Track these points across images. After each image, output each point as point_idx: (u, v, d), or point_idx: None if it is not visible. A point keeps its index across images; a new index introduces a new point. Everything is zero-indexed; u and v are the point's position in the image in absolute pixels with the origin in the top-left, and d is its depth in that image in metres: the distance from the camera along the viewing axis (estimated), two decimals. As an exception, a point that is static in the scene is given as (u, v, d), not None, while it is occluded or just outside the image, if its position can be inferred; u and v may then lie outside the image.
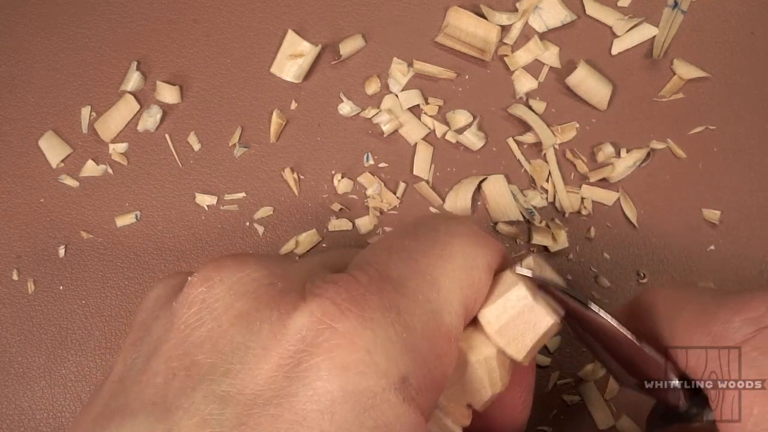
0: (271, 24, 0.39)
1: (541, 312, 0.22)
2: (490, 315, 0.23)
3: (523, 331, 0.23)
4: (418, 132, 0.38)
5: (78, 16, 0.40)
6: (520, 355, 0.23)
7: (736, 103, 0.38)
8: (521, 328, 0.23)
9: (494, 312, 0.23)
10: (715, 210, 0.37)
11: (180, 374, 0.19)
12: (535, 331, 0.23)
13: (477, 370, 0.23)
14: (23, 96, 0.39)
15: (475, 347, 0.23)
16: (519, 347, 0.23)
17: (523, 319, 0.22)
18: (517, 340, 0.23)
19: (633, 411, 0.35)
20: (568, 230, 0.37)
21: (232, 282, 0.21)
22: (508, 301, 0.22)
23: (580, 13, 0.39)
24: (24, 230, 0.38)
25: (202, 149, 0.38)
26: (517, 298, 0.22)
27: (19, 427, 0.36)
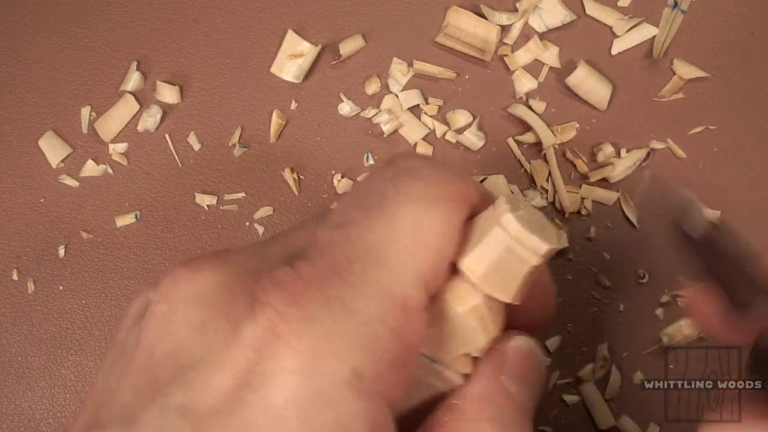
0: (271, 24, 0.39)
1: (522, 251, 0.22)
2: (472, 262, 0.22)
3: (508, 272, 0.22)
4: (418, 132, 0.38)
5: (78, 16, 0.40)
6: (508, 298, 0.22)
7: (736, 103, 0.38)
8: (505, 270, 0.22)
9: (475, 259, 0.22)
10: (715, 210, 0.37)
11: (143, 390, 0.20)
12: (519, 273, 0.22)
13: (467, 320, 0.22)
14: (23, 96, 0.39)
15: (461, 297, 0.22)
16: (506, 290, 0.23)
17: (505, 261, 0.22)
18: (503, 282, 0.22)
19: (633, 411, 0.35)
20: (568, 230, 0.37)
21: (189, 295, 0.21)
22: (488, 245, 0.22)
23: (580, 13, 0.39)
24: (24, 230, 0.38)
25: (202, 149, 0.38)
26: (496, 241, 0.22)
27: (19, 427, 0.36)
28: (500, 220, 0.22)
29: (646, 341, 0.35)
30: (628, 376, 0.35)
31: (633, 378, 0.35)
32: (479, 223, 0.22)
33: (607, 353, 0.35)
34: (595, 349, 0.36)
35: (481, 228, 0.22)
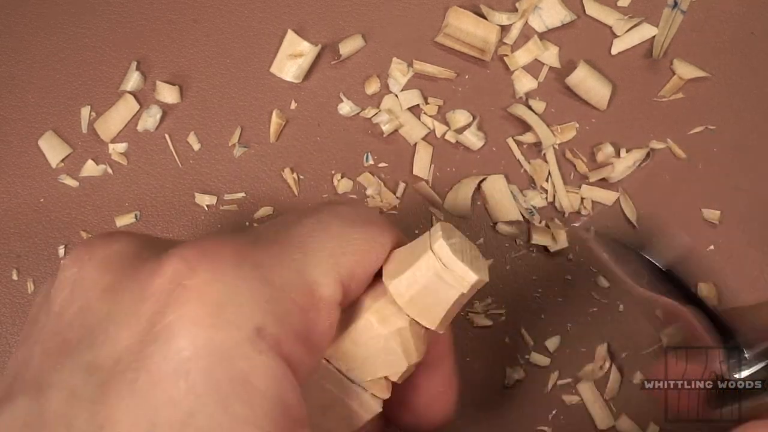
0: (271, 24, 0.39)
1: (452, 279, 0.22)
2: (401, 286, 0.22)
3: (435, 300, 0.22)
4: (418, 132, 0.38)
5: (78, 16, 0.40)
6: (433, 325, 0.23)
7: (736, 103, 0.38)
8: (433, 297, 0.22)
9: (404, 282, 0.22)
10: (715, 210, 0.37)
11: (53, 353, 0.20)
12: (446, 301, 0.22)
13: (390, 342, 0.22)
14: (23, 96, 0.39)
15: (386, 318, 0.22)
16: (432, 317, 0.23)
17: (434, 288, 0.22)
18: (429, 309, 0.23)
19: (633, 411, 0.35)
20: (568, 230, 0.37)
21: (100, 258, 0.21)
22: (418, 270, 0.22)
23: (580, 13, 0.39)
24: (24, 230, 0.38)
25: (202, 149, 0.38)
26: (427, 267, 0.22)
27: (19, 427, 0.36)
28: (433, 246, 0.22)
29: (646, 341, 0.35)
30: (628, 376, 0.35)
31: (633, 378, 0.35)
32: (411, 248, 0.23)
33: (607, 353, 0.35)
34: (594, 349, 0.36)
35: (412, 253, 0.22)
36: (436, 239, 0.22)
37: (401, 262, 0.23)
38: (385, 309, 0.23)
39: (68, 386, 0.19)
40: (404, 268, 0.22)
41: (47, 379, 0.19)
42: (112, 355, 0.19)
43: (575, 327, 0.36)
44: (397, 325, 0.22)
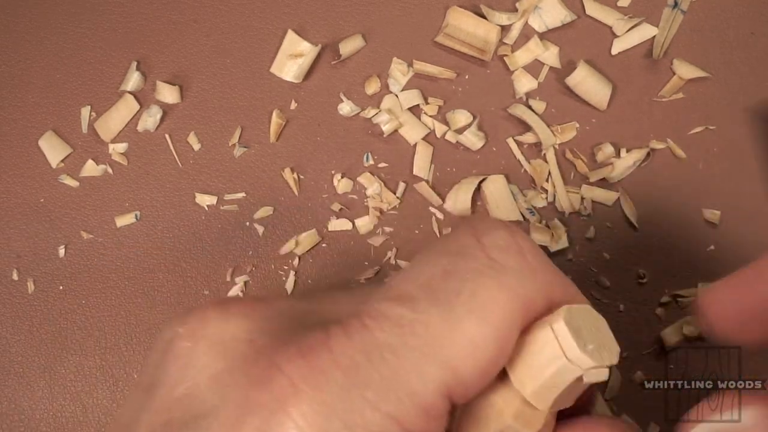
0: (271, 24, 0.39)
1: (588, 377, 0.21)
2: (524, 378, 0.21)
3: (572, 391, 0.22)
4: (418, 132, 0.38)
5: (78, 16, 0.40)
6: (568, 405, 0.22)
7: (736, 103, 0.38)
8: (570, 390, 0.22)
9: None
10: (715, 210, 0.37)
11: (157, 430, 0.20)
12: (582, 388, 0.22)
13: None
14: (23, 96, 0.39)
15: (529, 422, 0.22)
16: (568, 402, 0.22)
17: (572, 387, 0.21)
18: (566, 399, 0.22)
19: (633, 411, 0.35)
20: (568, 230, 0.37)
21: (215, 340, 0.21)
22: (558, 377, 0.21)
23: (580, 13, 0.39)
24: (24, 230, 0.38)
25: (202, 149, 0.38)
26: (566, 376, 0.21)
27: (19, 427, 0.36)
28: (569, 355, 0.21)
29: (646, 341, 0.35)
30: (628, 376, 0.35)
31: (633, 378, 0.35)
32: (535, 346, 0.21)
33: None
34: (595, 349, 0.36)
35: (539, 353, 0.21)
36: (569, 347, 0.20)
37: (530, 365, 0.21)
38: (525, 413, 0.22)
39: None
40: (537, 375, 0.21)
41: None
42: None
43: (575, 327, 0.36)
44: (540, 425, 0.22)
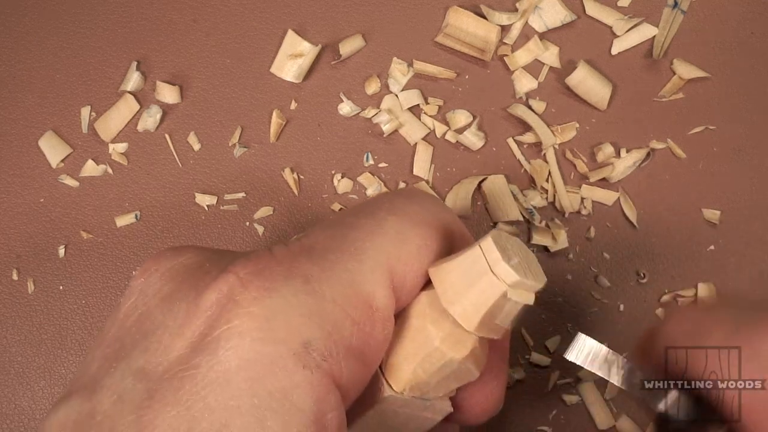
0: (271, 24, 0.39)
1: (516, 297, 0.21)
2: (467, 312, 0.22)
3: (501, 315, 0.22)
4: (418, 132, 0.38)
5: (78, 16, 0.40)
6: (500, 335, 0.23)
7: (736, 103, 0.38)
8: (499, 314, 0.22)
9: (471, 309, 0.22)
10: (715, 210, 0.37)
11: (110, 357, 0.20)
12: (512, 314, 0.22)
13: (464, 363, 0.22)
14: (23, 96, 0.39)
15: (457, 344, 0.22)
16: (498, 330, 0.22)
17: (499, 306, 0.22)
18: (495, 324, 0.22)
19: (633, 411, 0.35)
20: (568, 230, 0.37)
21: (166, 269, 0.22)
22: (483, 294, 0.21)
23: (580, 13, 0.39)
24: (24, 230, 0.38)
25: (202, 149, 0.38)
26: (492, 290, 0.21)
27: (19, 427, 0.36)
28: (495, 269, 0.21)
29: (646, 341, 0.35)
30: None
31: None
32: (464, 265, 0.22)
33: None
34: (595, 349, 0.36)
35: (467, 272, 0.22)
36: (495, 261, 0.21)
37: (457, 283, 0.22)
38: (452, 335, 0.22)
39: (118, 390, 0.19)
40: (464, 291, 0.22)
41: (100, 381, 0.20)
42: (162, 363, 0.19)
43: (575, 327, 0.36)
44: (469, 348, 0.22)
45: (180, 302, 0.20)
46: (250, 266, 0.20)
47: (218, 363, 0.19)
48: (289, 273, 0.20)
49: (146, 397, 0.19)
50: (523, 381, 0.35)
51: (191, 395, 0.18)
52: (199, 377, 0.19)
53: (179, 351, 0.19)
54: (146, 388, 0.19)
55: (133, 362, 0.20)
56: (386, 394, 0.23)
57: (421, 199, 0.24)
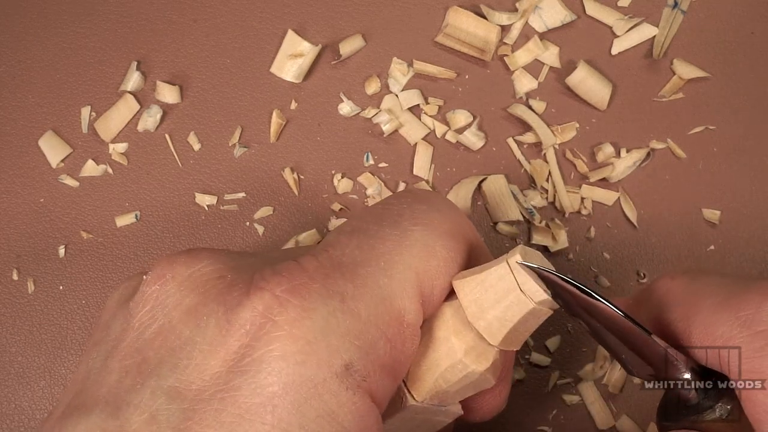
0: (271, 24, 0.39)
1: (542, 310, 0.22)
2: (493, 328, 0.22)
3: (523, 330, 0.23)
4: (418, 132, 0.38)
5: (78, 16, 0.40)
6: (518, 347, 0.23)
7: (736, 103, 0.38)
8: (521, 329, 0.22)
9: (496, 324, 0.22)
10: (715, 210, 0.37)
11: (132, 371, 0.20)
12: (532, 328, 0.23)
13: (484, 374, 0.23)
14: (23, 96, 0.39)
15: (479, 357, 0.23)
16: (517, 343, 0.23)
17: (523, 322, 0.22)
18: (517, 338, 0.23)
19: (633, 411, 0.35)
20: (568, 230, 0.37)
21: (183, 278, 0.21)
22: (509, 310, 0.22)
23: (580, 13, 0.39)
24: (24, 230, 0.38)
25: (202, 149, 0.38)
26: (519, 307, 0.22)
27: (19, 427, 0.36)
28: (524, 287, 0.22)
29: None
30: (629, 377, 0.35)
31: (633, 378, 0.35)
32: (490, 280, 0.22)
33: (608, 353, 0.35)
34: (594, 349, 0.36)
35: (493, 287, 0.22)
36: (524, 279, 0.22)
37: (483, 298, 0.22)
38: (476, 348, 0.23)
39: (149, 408, 0.19)
40: (490, 306, 0.22)
41: (125, 397, 0.19)
42: (197, 383, 0.19)
43: (575, 327, 0.36)
44: (490, 361, 0.23)
45: (208, 317, 0.20)
46: (284, 283, 0.20)
47: (262, 386, 0.18)
48: (325, 291, 0.20)
49: (183, 418, 0.18)
50: (523, 381, 0.35)
51: (235, 418, 0.18)
52: (242, 400, 0.18)
53: (214, 370, 0.19)
54: (181, 408, 0.18)
55: (162, 380, 0.19)
56: (409, 403, 0.23)
57: (441, 205, 0.24)
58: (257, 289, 0.20)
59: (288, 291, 0.20)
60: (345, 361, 0.19)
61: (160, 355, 0.20)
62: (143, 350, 0.20)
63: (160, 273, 0.22)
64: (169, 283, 0.21)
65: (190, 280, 0.21)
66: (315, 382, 0.19)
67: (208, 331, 0.20)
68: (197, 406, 0.18)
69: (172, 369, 0.19)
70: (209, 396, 0.19)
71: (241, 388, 0.19)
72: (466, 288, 0.22)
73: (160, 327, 0.20)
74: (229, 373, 0.19)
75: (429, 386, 0.23)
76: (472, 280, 0.22)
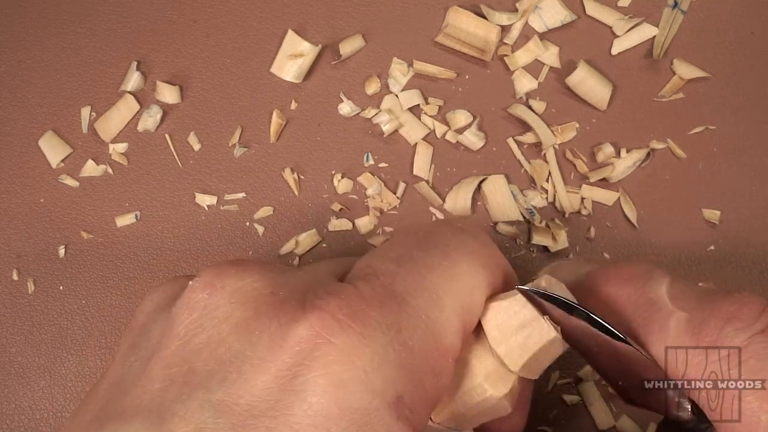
0: (271, 24, 0.39)
1: (561, 343, 0.22)
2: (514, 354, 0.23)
3: (543, 358, 0.23)
4: (418, 132, 0.38)
5: (78, 16, 0.40)
6: (536, 376, 0.23)
7: (736, 103, 0.38)
8: (542, 357, 0.23)
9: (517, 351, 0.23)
10: (715, 210, 0.37)
11: (177, 381, 0.19)
12: (553, 356, 0.23)
13: (501, 401, 0.23)
14: (23, 96, 0.39)
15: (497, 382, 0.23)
16: (537, 371, 0.23)
17: (544, 350, 0.22)
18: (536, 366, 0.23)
19: (633, 411, 0.35)
20: (568, 230, 0.37)
21: (234, 290, 0.21)
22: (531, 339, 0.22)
23: (580, 13, 0.39)
24: (24, 230, 0.38)
25: (202, 149, 0.38)
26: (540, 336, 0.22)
27: (19, 427, 0.36)
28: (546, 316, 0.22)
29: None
30: (628, 376, 0.35)
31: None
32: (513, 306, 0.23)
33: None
34: (595, 349, 0.36)
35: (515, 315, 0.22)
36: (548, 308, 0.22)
37: (505, 324, 0.23)
38: (495, 373, 0.23)
39: (196, 421, 0.18)
40: (512, 333, 0.22)
41: (170, 407, 0.19)
42: (244, 397, 0.19)
43: (575, 327, 0.36)
44: (508, 387, 0.23)
45: (260, 332, 0.20)
46: (344, 307, 0.20)
47: (315, 409, 0.18)
48: (383, 320, 0.20)
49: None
50: (523, 381, 0.35)
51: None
52: (293, 420, 0.18)
53: (265, 386, 0.19)
54: (230, 423, 0.18)
55: (210, 393, 0.19)
56: (427, 424, 0.23)
57: (480, 236, 0.24)
58: (315, 308, 0.20)
59: (348, 315, 0.20)
60: (398, 393, 0.19)
61: (209, 367, 0.19)
62: (190, 360, 0.20)
63: (208, 281, 0.21)
64: (218, 293, 0.21)
65: (240, 292, 0.21)
66: (368, 411, 0.19)
67: (260, 346, 0.19)
68: (247, 422, 0.18)
69: (221, 382, 0.19)
70: (259, 413, 0.18)
71: (293, 407, 0.18)
72: (490, 314, 0.23)
73: (208, 338, 0.20)
74: (281, 391, 0.19)
75: (447, 408, 0.23)
76: (497, 306, 0.23)
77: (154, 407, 0.19)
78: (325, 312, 0.19)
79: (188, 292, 0.21)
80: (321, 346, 0.19)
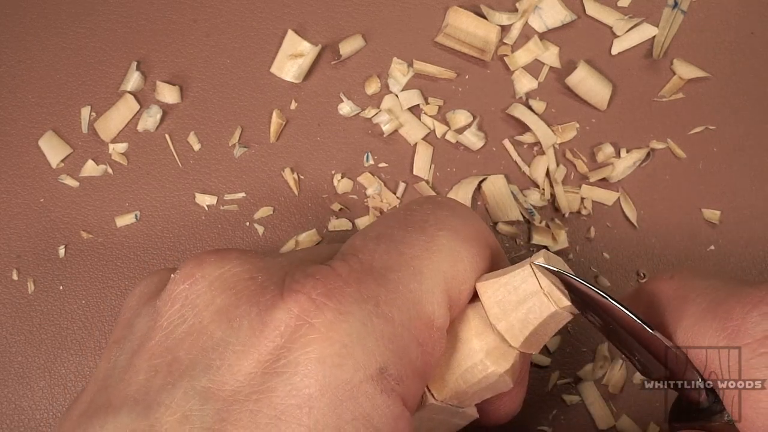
0: (271, 24, 0.39)
1: (563, 313, 0.22)
2: (515, 330, 0.23)
3: (544, 332, 0.23)
4: (418, 132, 0.38)
5: (78, 16, 0.40)
6: (537, 350, 0.23)
7: (736, 103, 0.38)
8: (542, 332, 0.23)
9: (518, 326, 0.22)
10: (715, 210, 0.37)
11: (162, 371, 0.20)
12: (553, 330, 0.23)
13: (503, 377, 0.23)
14: (23, 96, 0.39)
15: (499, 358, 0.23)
16: (538, 345, 0.23)
17: (544, 325, 0.22)
18: (537, 340, 0.23)
19: (633, 411, 0.35)
20: (568, 230, 0.37)
21: (214, 278, 0.21)
22: (531, 313, 0.22)
23: (580, 13, 0.39)
24: (24, 230, 0.38)
25: (202, 149, 0.38)
26: (541, 310, 0.22)
27: (19, 427, 0.36)
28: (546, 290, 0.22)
29: (646, 341, 0.35)
30: (628, 376, 0.35)
31: (633, 378, 0.35)
32: (512, 284, 0.23)
33: (608, 353, 0.35)
34: (595, 349, 0.36)
35: (515, 290, 0.22)
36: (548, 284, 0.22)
37: (505, 300, 0.23)
38: (497, 349, 0.23)
39: (181, 409, 0.19)
40: (512, 309, 0.22)
41: (156, 397, 0.19)
42: (229, 383, 0.19)
43: (575, 327, 0.36)
44: (510, 363, 0.23)
45: (241, 319, 0.20)
46: (320, 286, 0.20)
47: (298, 388, 0.18)
48: (359, 295, 0.20)
49: (218, 419, 0.18)
50: (523, 381, 0.35)
51: (271, 419, 0.18)
52: (277, 401, 0.18)
53: (248, 371, 0.19)
54: (216, 409, 0.18)
55: (194, 381, 0.19)
56: (429, 402, 0.23)
57: (463, 212, 0.24)
58: (292, 292, 0.20)
59: (324, 294, 0.20)
60: (380, 365, 0.19)
61: (192, 356, 0.20)
62: (173, 350, 0.20)
63: (189, 272, 0.21)
64: (198, 282, 0.21)
65: (220, 280, 0.21)
66: (351, 385, 0.19)
67: (241, 332, 0.20)
68: (232, 407, 0.18)
69: (204, 370, 0.19)
70: (244, 397, 0.19)
71: (276, 389, 0.18)
72: (489, 290, 0.23)
73: (190, 327, 0.20)
74: (264, 374, 0.19)
75: (449, 386, 0.23)
76: (496, 282, 0.23)
77: (140, 398, 0.19)
78: (300, 294, 0.20)
79: (170, 284, 0.21)
80: (300, 328, 0.19)
